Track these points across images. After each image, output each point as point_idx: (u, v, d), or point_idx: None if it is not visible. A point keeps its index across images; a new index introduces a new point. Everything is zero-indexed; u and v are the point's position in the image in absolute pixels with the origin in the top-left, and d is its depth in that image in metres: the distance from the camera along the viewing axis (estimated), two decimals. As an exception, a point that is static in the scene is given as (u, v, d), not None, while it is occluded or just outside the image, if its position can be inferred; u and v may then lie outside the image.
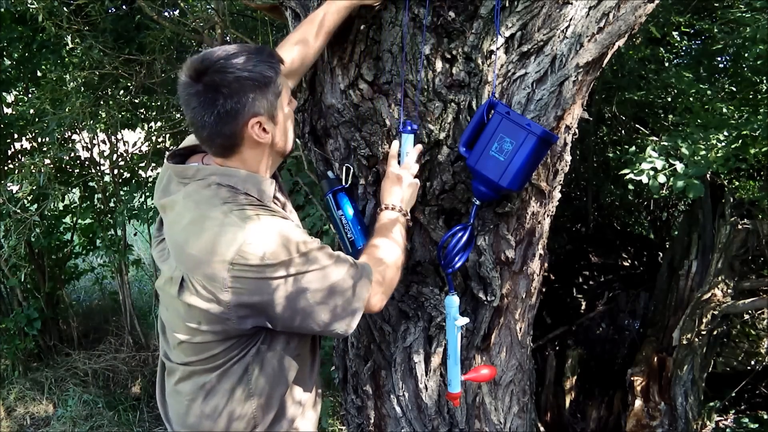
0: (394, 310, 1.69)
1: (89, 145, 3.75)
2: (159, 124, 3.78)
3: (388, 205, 1.40)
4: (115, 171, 3.83)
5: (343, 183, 1.59)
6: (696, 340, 2.50)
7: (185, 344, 1.22)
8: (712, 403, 2.85)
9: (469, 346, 1.70)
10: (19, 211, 2.81)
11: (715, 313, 2.48)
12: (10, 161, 3.79)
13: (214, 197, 1.17)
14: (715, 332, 2.70)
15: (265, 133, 1.19)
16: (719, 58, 2.80)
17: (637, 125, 3.33)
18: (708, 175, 2.53)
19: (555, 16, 1.39)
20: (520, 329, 1.74)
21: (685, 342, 2.50)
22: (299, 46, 1.38)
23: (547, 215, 1.64)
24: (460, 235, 1.46)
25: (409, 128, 1.43)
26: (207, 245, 1.11)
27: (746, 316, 3.34)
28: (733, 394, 2.97)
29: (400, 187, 1.41)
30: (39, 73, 3.56)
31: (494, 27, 1.40)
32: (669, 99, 2.96)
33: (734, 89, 2.55)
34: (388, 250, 1.33)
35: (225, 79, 1.12)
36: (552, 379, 2.81)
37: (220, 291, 1.10)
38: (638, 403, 2.50)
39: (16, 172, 3.20)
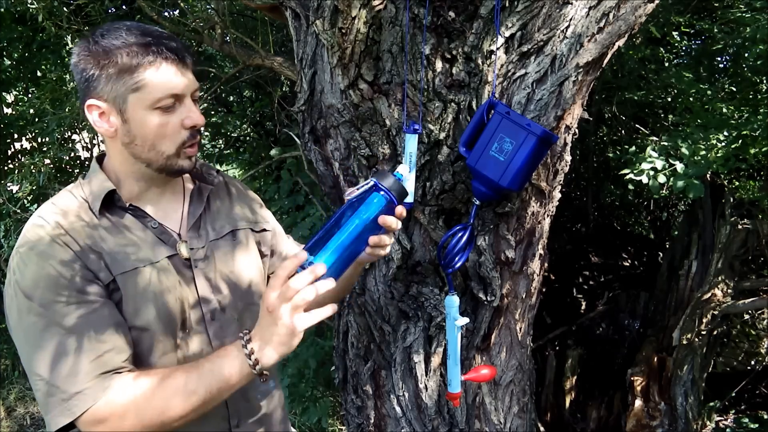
0: (394, 310, 1.69)
1: (89, 145, 3.75)
2: (159, 124, 3.77)
3: (245, 337, 0.94)
4: (115, 171, 3.82)
5: (394, 197, 1.05)
6: (696, 340, 2.50)
7: None
8: (712, 403, 2.85)
9: (469, 346, 1.70)
10: (19, 211, 2.81)
11: (715, 313, 2.48)
12: (10, 161, 3.78)
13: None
14: (715, 332, 2.70)
15: (103, 123, 1.00)
16: (719, 58, 2.80)
17: (637, 125, 3.33)
18: (708, 175, 2.53)
19: (555, 16, 1.39)
20: (520, 329, 1.73)
21: (685, 342, 2.50)
22: None
23: (547, 215, 1.64)
24: (460, 235, 1.45)
25: (412, 129, 1.43)
26: None
27: (746, 316, 3.34)
28: (733, 394, 2.97)
29: (276, 324, 0.90)
30: (39, 73, 3.55)
31: (494, 27, 1.40)
32: (669, 99, 2.96)
33: (734, 89, 2.55)
34: (174, 394, 0.93)
35: (85, 47, 0.99)
36: (552, 379, 2.81)
37: None
38: (638, 403, 2.50)
39: (16, 172, 3.20)
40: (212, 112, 3.99)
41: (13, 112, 3.79)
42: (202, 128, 1.04)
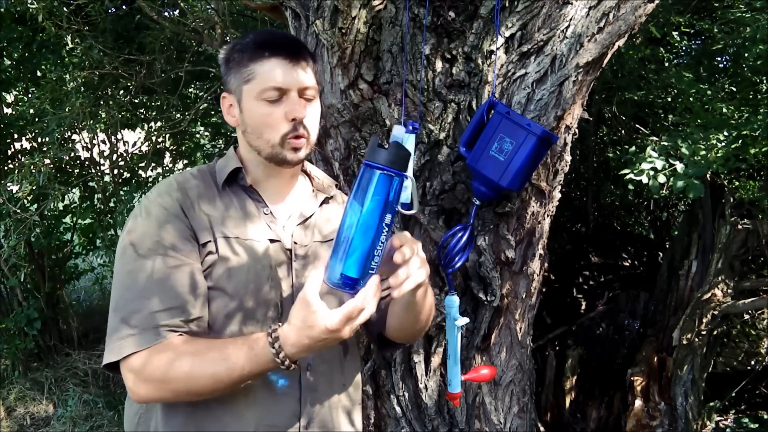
0: (394, 310, 1.69)
1: (89, 145, 3.75)
2: (159, 124, 3.78)
3: (279, 340, 0.93)
4: (115, 171, 3.83)
5: (392, 168, 0.89)
6: (696, 340, 2.50)
7: None
8: (712, 403, 2.85)
9: (469, 346, 1.70)
10: (19, 211, 2.80)
11: (715, 313, 2.48)
12: (10, 161, 3.78)
13: None
14: (715, 332, 2.70)
15: (229, 114, 1.13)
16: (719, 58, 2.80)
17: (637, 125, 3.33)
18: (708, 175, 2.53)
19: (555, 16, 1.39)
20: (520, 329, 1.73)
21: (685, 342, 2.50)
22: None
23: (547, 215, 1.64)
24: (460, 235, 1.46)
25: (410, 128, 1.43)
26: None
27: (746, 316, 3.34)
28: (733, 394, 2.97)
29: (310, 331, 0.90)
30: (39, 73, 3.56)
31: (494, 27, 1.40)
32: (669, 99, 2.96)
33: (734, 89, 2.55)
34: (207, 367, 0.95)
35: (225, 49, 1.15)
36: (552, 379, 2.81)
37: None
38: (638, 403, 2.50)
39: (16, 172, 3.20)
40: (212, 112, 4.00)
41: (13, 112, 3.79)
42: (308, 124, 1.10)
